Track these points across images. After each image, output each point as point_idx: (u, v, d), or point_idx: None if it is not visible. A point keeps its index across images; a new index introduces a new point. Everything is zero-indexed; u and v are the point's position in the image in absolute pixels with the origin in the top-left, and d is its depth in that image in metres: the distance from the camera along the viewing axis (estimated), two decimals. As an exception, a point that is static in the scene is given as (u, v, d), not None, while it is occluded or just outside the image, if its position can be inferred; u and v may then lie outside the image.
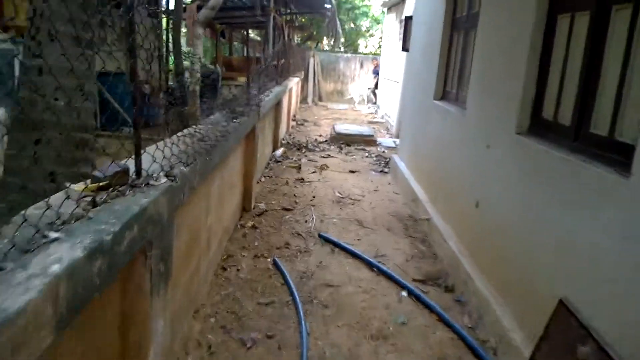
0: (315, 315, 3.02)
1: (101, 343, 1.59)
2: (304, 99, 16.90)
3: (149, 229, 1.63)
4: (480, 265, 3.31)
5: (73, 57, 2.59)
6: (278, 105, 7.79)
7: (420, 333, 2.92)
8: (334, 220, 4.81)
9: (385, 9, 15.57)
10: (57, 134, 2.70)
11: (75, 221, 1.36)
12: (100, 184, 1.63)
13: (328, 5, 14.62)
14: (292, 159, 7.55)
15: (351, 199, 5.57)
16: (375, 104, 16.38)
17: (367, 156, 8.23)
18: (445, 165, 4.42)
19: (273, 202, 5.18)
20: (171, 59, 8.71)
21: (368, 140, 9.27)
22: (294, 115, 12.39)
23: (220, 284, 3.27)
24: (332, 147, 8.75)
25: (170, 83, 8.23)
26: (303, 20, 18.84)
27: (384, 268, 3.70)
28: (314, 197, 5.52)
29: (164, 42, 9.28)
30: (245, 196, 4.75)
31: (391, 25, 13.91)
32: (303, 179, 6.29)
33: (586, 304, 2.06)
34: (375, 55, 18.57)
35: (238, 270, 3.50)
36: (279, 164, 7.12)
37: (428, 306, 3.22)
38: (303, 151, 8.22)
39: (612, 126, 2.17)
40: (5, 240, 1.14)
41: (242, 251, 3.84)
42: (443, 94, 4.98)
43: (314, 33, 20.76)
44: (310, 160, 7.52)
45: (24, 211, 1.27)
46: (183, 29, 9.50)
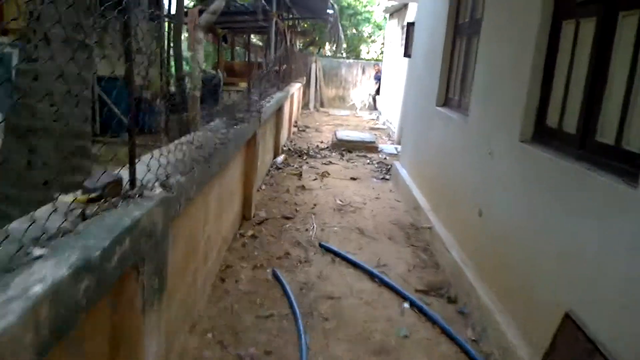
0: (315, 328, 2.95)
1: (91, 361, 1.52)
2: (305, 105, 16.86)
3: (141, 242, 1.57)
4: (484, 275, 3.24)
5: (70, 62, 2.55)
6: (279, 111, 7.74)
7: (423, 347, 2.85)
8: (335, 228, 4.75)
9: (387, 15, 15.56)
10: (52, 141, 2.64)
11: (62, 236, 1.30)
12: (91, 196, 1.57)
13: (330, 11, 14.65)
14: (293, 166, 7.50)
15: (352, 207, 5.51)
16: (376, 109, 16.33)
17: (369, 163, 8.18)
18: (448, 173, 4.36)
19: (274, 210, 5.12)
20: (172, 63, 8.68)
21: (369, 147, 9.21)
22: (296, 121, 12.35)
23: (219, 296, 3.20)
24: (334, 154, 8.70)
25: (171, 88, 8.18)
26: (305, 25, 18.86)
27: (386, 279, 3.63)
28: (314, 205, 5.46)
29: (165, 47, 9.25)
30: (245, 204, 4.69)
31: (393, 31, 13.89)
32: (304, 187, 6.23)
33: (593, 316, 2.01)
34: (377, 61, 18.55)
35: (237, 281, 3.43)
36: (280, 171, 7.06)
37: (431, 318, 3.15)
38: (304, 158, 8.17)
39: (619, 135, 2.12)
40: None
41: (242, 261, 3.77)
42: (445, 101, 4.93)
43: (317, 38, 20.77)
44: (311, 167, 7.47)
45: (7, 226, 1.22)
46: (185, 34, 9.47)
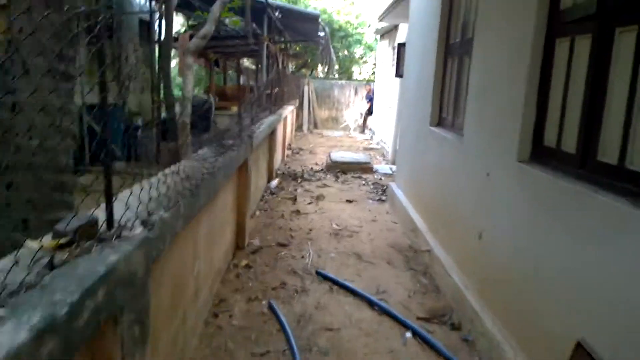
0: (313, 364, 2.80)
1: None
2: (299, 127, 16.85)
3: (118, 292, 1.44)
4: (487, 301, 3.11)
5: (49, 91, 2.45)
6: (272, 134, 7.66)
7: (428, 381, 2.70)
8: (332, 254, 4.61)
9: (378, 36, 15.70)
10: (30, 177, 2.52)
11: (25, 291, 1.18)
12: (61, 241, 1.44)
13: (322, 34, 14.75)
14: (288, 189, 7.38)
15: (349, 231, 5.38)
16: (369, 129, 16.32)
17: (364, 184, 8.07)
18: (444, 194, 4.26)
19: (268, 238, 4.98)
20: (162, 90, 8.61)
21: (364, 168, 9.13)
22: (289, 144, 12.29)
23: (211, 334, 3.04)
24: (329, 176, 8.60)
25: (162, 114, 8.11)
26: (297, 48, 18.96)
27: (386, 306, 3.48)
28: (310, 230, 5.32)
29: (156, 73, 9.19)
30: (239, 233, 4.55)
31: (384, 52, 13.98)
32: (299, 211, 6.10)
33: (604, 345, 1.90)
34: (368, 82, 18.63)
35: (231, 316, 3.27)
36: (274, 195, 6.94)
37: (435, 348, 3.00)
38: (299, 181, 8.06)
39: (622, 154, 2.04)
40: None
41: (235, 294, 3.62)
42: (439, 120, 4.86)
43: (309, 61, 20.87)
44: (306, 191, 7.35)
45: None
46: (175, 60, 9.44)
